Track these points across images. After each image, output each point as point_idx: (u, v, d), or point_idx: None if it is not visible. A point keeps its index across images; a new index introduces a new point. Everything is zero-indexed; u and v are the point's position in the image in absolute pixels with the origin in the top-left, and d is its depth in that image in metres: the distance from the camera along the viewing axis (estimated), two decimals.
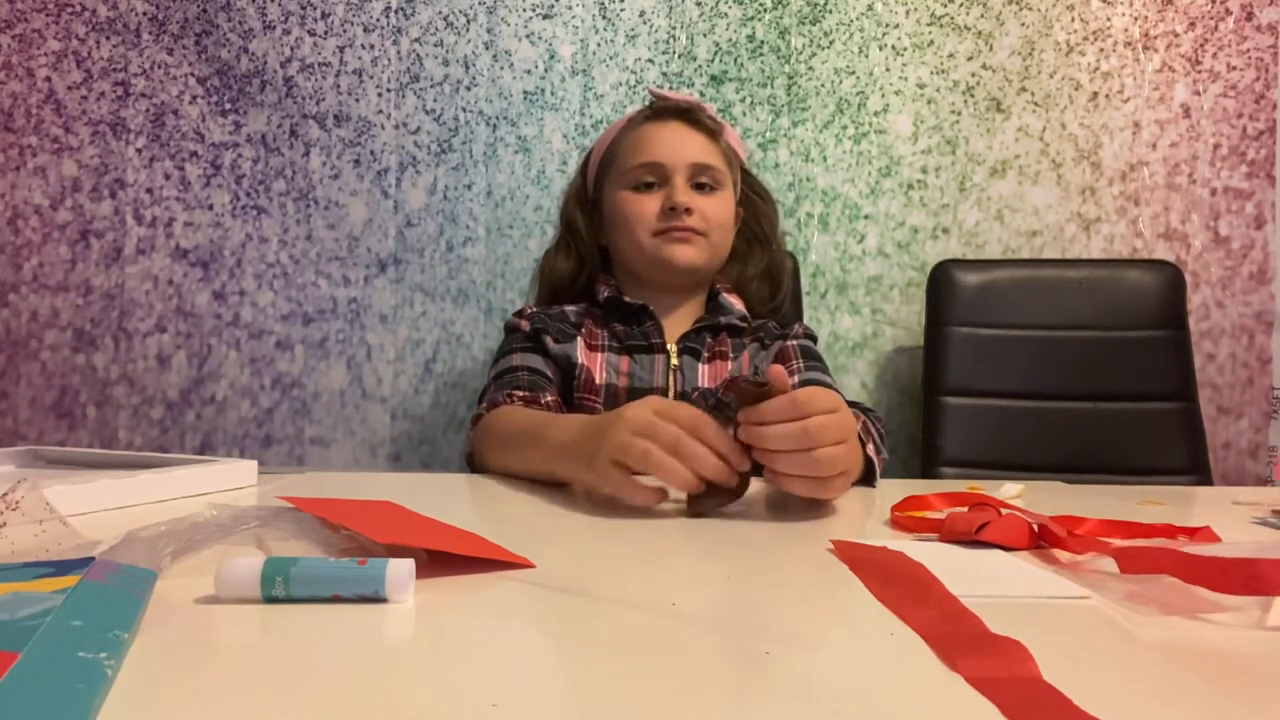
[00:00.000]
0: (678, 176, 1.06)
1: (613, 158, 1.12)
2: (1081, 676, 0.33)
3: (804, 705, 0.31)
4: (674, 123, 1.10)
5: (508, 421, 0.91)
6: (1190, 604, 0.42)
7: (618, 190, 1.10)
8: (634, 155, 1.09)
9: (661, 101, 1.13)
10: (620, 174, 1.10)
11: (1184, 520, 0.63)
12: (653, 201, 1.07)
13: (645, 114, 1.13)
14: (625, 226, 1.08)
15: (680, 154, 1.07)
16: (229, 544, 0.49)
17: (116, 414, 1.47)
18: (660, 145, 1.08)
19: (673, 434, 0.64)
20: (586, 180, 1.18)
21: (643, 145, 1.09)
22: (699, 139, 1.09)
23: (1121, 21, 1.49)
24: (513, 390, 0.98)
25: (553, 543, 0.58)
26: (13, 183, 1.46)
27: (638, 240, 1.07)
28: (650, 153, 1.08)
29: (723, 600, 0.45)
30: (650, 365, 1.05)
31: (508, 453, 0.87)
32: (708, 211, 1.07)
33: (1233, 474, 1.46)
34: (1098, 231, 1.49)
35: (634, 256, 1.09)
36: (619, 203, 1.09)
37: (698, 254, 1.07)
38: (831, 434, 0.63)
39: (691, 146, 1.08)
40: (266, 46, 1.47)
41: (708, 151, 1.09)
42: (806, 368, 1.06)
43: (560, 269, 1.16)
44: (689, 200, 1.06)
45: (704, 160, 1.08)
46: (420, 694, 0.31)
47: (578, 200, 1.17)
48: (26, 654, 0.30)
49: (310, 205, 1.48)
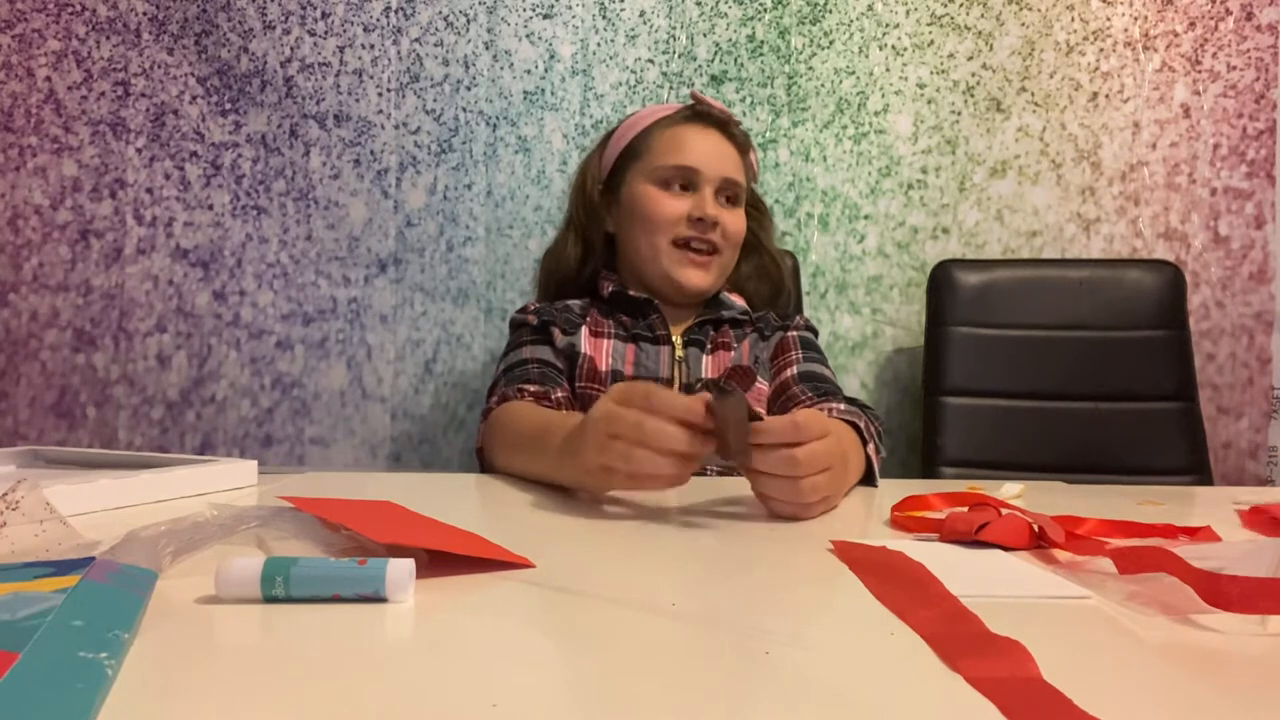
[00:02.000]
0: (708, 187, 1.07)
1: (642, 149, 1.10)
2: (1081, 676, 0.33)
3: (804, 705, 0.31)
4: (713, 131, 1.10)
5: (515, 422, 0.91)
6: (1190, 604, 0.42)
7: (643, 183, 1.09)
8: (669, 154, 1.08)
9: (703, 106, 1.12)
10: (649, 168, 1.09)
11: (1184, 520, 0.63)
12: (680, 204, 1.06)
13: (684, 114, 1.11)
14: (646, 223, 1.08)
15: (717, 165, 1.07)
16: (229, 544, 0.49)
17: (116, 414, 1.47)
18: (698, 152, 1.07)
19: (633, 420, 0.63)
20: (603, 162, 1.16)
21: (681, 146, 1.08)
22: (733, 153, 1.10)
23: (1121, 21, 1.49)
24: (523, 384, 0.98)
25: (553, 543, 0.58)
26: (13, 183, 1.46)
27: (656, 243, 1.07)
28: (688, 156, 1.07)
29: (723, 600, 0.45)
30: (656, 355, 1.05)
31: (513, 455, 0.87)
32: (729, 227, 1.08)
33: (1233, 474, 1.46)
34: (1098, 231, 1.49)
35: (647, 257, 1.08)
36: (643, 196, 1.08)
37: (708, 278, 1.08)
38: (820, 461, 0.63)
39: (728, 160, 1.09)
40: (266, 46, 1.47)
41: (738, 167, 1.10)
42: (805, 359, 1.06)
43: (567, 257, 1.15)
44: (717, 213, 1.06)
45: (734, 176, 1.09)
46: (420, 694, 0.31)
47: (591, 181, 1.16)
48: (26, 654, 0.30)
49: (310, 205, 1.48)
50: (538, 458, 0.81)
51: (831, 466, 0.65)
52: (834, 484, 0.67)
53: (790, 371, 1.05)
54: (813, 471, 0.63)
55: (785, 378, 1.05)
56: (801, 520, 0.66)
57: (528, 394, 0.97)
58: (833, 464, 0.66)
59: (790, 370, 1.05)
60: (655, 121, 1.11)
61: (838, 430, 0.73)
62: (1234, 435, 1.47)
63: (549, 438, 0.79)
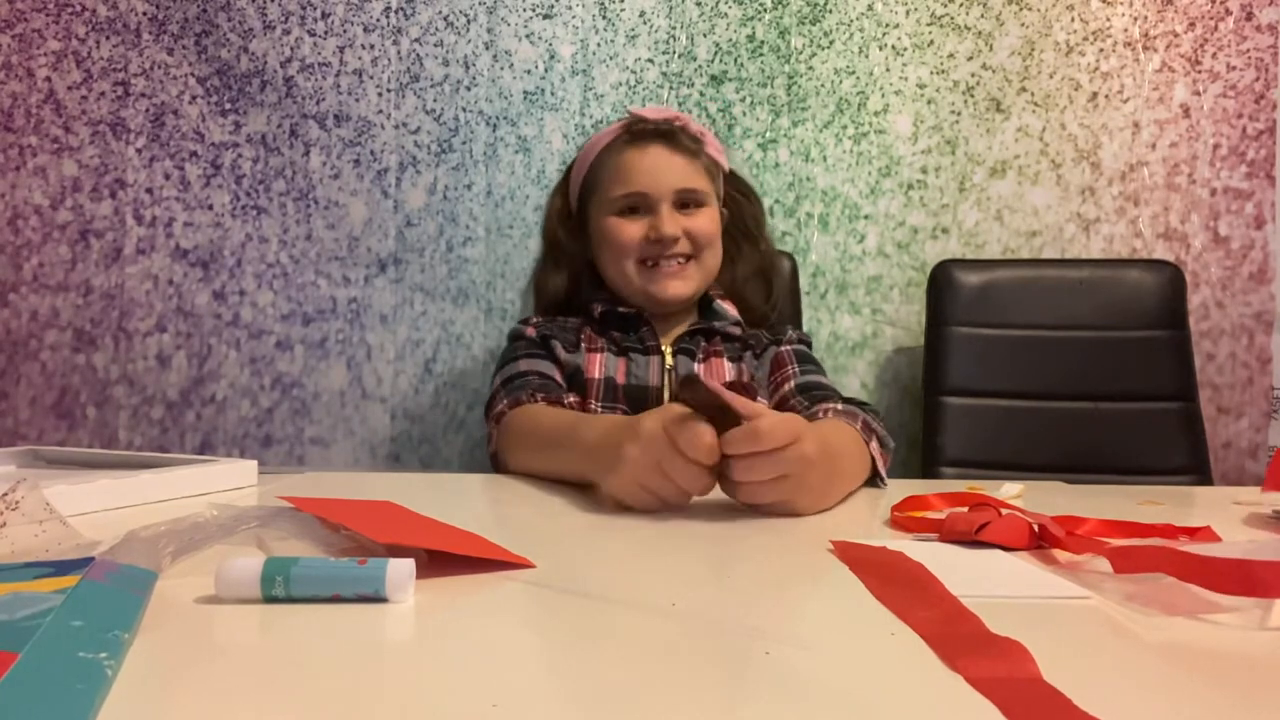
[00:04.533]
0: (663, 205, 1.07)
1: (595, 182, 1.12)
2: (1081, 676, 0.33)
3: (804, 705, 0.31)
4: (654, 147, 1.09)
5: (536, 422, 0.90)
6: (1190, 604, 0.42)
7: (603, 215, 1.10)
8: (616, 184, 1.09)
9: (640, 123, 1.12)
10: (604, 200, 1.10)
11: (1184, 520, 0.63)
12: (637, 228, 1.07)
13: (624, 138, 1.11)
14: (612, 253, 1.09)
15: (664, 182, 1.07)
16: (229, 544, 0.49)
17: (116, 414, 1.47)
18: (642, 174, 1.07)
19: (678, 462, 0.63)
20: (569, 199, 1.18)
21: (625, 174, 1.08)
22: (680, 162, 1.09)
23: (1121, 21, 1.49)
24: (532, 392, 0.97)
25: (553, 543, 0.58)
26: (13, 183, 1.46)
27: (624, 270, 1.08)
28: (633, 182, 1.08)
29: (723, 600, 0.45)
30: (646, 365, 1.05)
31: (535, 455, 0.87)
32: (696, 231, 1.08)
33: (1233, 474, 1.46)
34: (1097, 231, 1.49)
35: (622, 285, 1.10)
36: (605, 229, 1.10)
37: (687, 285, 1.08)
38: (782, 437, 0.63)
39: (674, 173, 1.08)
40: (266, 46, 1.47)
41: (689, 174, 1.09)
42: (802, 371, 1.06)
43: (554, 285, 1.17)
44: (675, 229, 1.06)
45: (687, 185, 1.08)
46: (420, 694, 0.31)
47: (560, 219, 1.18)
48: (26, 654, 0.30)
49: (310, 205, 1.48)
50: (564, 454, 0.80)
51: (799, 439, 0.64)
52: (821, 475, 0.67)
53: (789, 386, 1.04)
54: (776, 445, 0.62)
55: (784, 393, 1.04)
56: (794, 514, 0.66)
57: (541, 398, 0.96)
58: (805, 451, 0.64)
59: (788, 385, 1.04)
60: (600, 151, 1.12)
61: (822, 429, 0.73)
62: (1234, 435, 1.47)
63: (578, 435, 0.79)
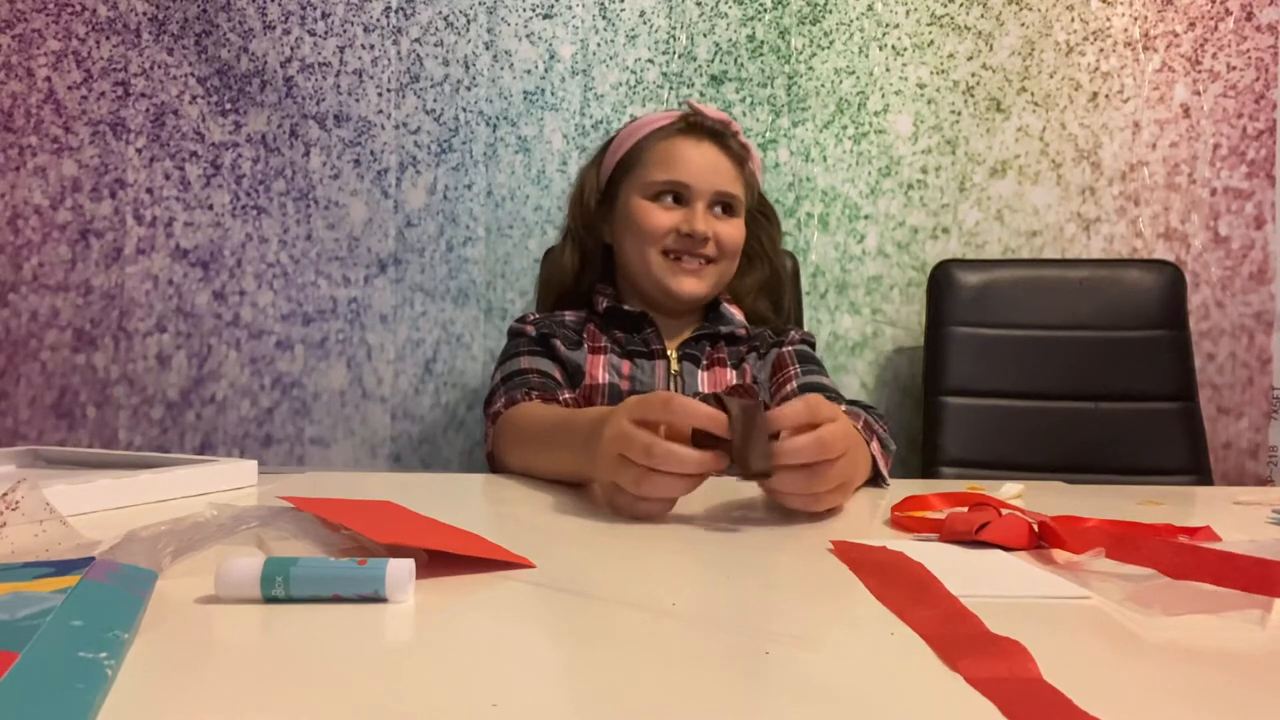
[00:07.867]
0: (700, 202, 1.06)
1: (636, 162, 1.10)
2: (1081, 676, 0.33)
3: (804, 705, 0.31)
4: (707, 143, 1.08)
5: (530, 420, 0.90)
6: (1191, 604, 0.42)
7: (635, 196, 1.08)
8: (660, 168, 1.07)
9: (697, 117, 1.10)
10: (642, 181, 1.08)
11: (1184, 520, 0.63)
12: (669, 217, 1.06)
13: (679, 125, 1.10)
14: (637, 235, 1.08)
15: (708, 179, 1.06)
16: (229, 544, 0.49)
17: (116, 414, 1.47)
18: (689, 166, 1.06)
19: (643, 443, 0.61)
20: (601, 171, 1.15)
21: (672, 161, 1.07)
22: (727, 165, 1.08)
23: (1121, 21, 1.49)
24: (529, 390, 0.97)
25: (553, 543, 0.58)
26: (13, 183, 1.46)
27: (646, 255, 1.07)
28: (678, 170, 1.06)
29: (723, 600, 0.45)
30: (651, 370, 1.05)
31: (530, 453, 0.86)
32: (724, 238, 1.07)
33: (1233, 474, 1.46)
34: (1098, 231, 1.49)
35: (640, 269, 1.08)
36: (634, 209, 1.08)
37: (702, 285, 1.08)
38: (840, 445, 0.62)
39: (720, 173, 1.07)
40: (266, 46, 1.47)
41: (733, 179, 1.08)
42: (804, 371, 1.05)
43: (565, 265, 1.15)
44: (707, 228, 1.05)
45: (728, 188, 1.08)
46: (420, 694, 0.31)
47: (590, 192, 1.15)
48: (26, 654, 0.30)
49: (310, 205, 1.48)
50: (558, 452, 0.80)
51: (849, 450, 0.63)
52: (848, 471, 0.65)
53: (790, 387, 1.04)
54: (837, 454, 0.61)
55: (785, 394, 1.04)
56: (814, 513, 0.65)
57: (536, 396, 0.96)
58: (850, 447, 0.64)
59: (790, 385, 1.04)
60: (650, 133, 1.10)
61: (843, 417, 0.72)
62: (1234, 435, 1.47)
63: (571, 431, 0.78)
